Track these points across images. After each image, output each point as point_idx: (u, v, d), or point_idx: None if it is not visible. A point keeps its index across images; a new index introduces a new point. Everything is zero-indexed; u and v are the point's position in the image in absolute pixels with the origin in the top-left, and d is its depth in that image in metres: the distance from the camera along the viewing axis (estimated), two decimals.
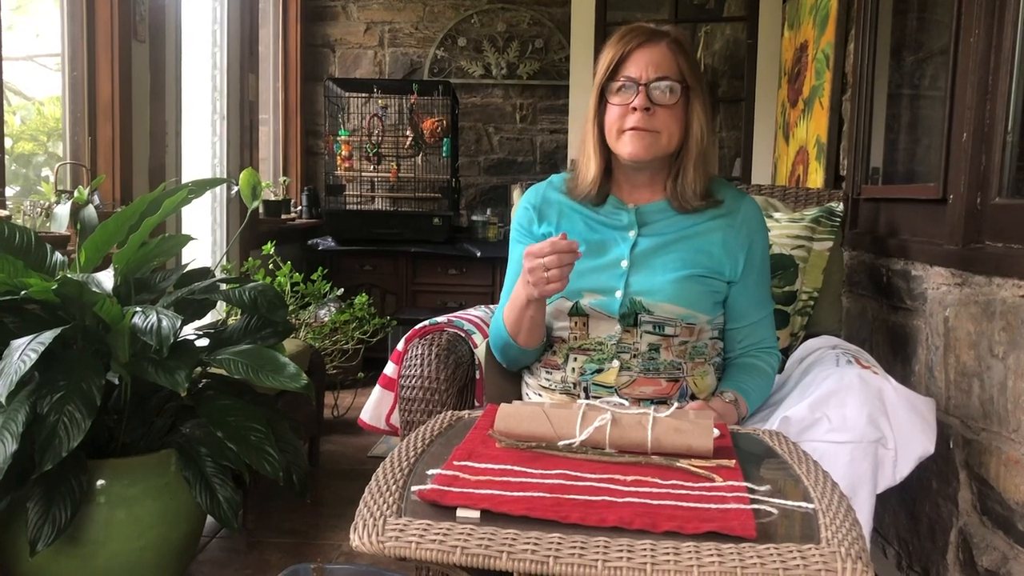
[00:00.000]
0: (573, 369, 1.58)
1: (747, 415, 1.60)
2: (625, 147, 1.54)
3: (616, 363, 1.55)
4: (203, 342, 2.01)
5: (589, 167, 1.61)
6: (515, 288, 1.54)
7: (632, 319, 1.54)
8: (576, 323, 1.58)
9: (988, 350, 1.60)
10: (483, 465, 1.09)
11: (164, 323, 1.68)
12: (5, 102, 2.46)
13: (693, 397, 1.57)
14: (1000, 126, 1.66)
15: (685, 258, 1.57)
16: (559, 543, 0.88)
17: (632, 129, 1.52)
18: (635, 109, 1.51)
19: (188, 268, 2.14)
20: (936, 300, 1.85)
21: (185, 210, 3.03)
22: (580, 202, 1.65)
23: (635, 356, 1.55)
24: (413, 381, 1.69)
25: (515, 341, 1.58)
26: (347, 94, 4.68)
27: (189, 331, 2.10)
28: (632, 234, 1.60)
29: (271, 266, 3.48)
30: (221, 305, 2.85)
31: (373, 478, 1.05)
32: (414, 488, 1.01)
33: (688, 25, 5.29)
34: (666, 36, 1.55)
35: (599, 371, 1.56)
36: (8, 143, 2.56)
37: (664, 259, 1.57)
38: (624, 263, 1.57)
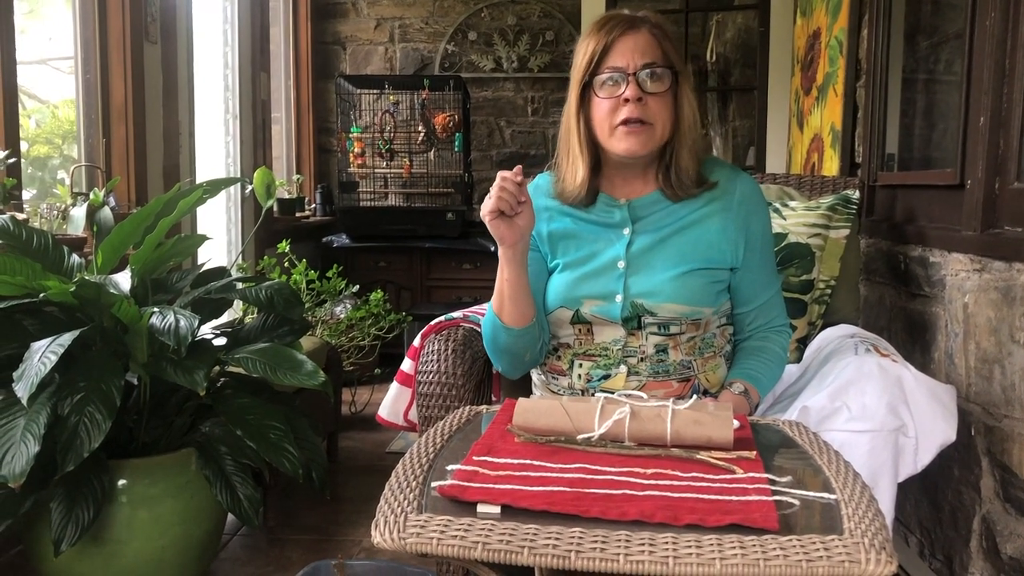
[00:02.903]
0: (579, 376, 1.55)
1: (760, 401, 1.57)
2: (620, 144, 1.47)
3: (623, 368, 1.52)
4: (220, 341, 2.02)
5: (577, 168, 1.54)
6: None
7: (636, 322, 1.50)
8: (580, 330, 1.55)
9: (1009, 336, 1.59)
10: (502, 460, 1.09)
11: (182, 323, 1.69)
12: (20, 106, 2.48)
13: (706, 393, 1.55)
14: (1018, 110, 1.64)
15: (684, 252, 1.52)
16: (580, 537, 0.88)
17: (625, 123, 1.45)
18: (627, 100, 1.45)
19: (204, 268, 2.15)
20: (955, 286, 1.83)
21: (200, 210, 3.04)
22: (569, 204, 1.59)
23: (642, 360, 1.51)
24: (430, 377, 1.69)
25: (501, 320, 1.51)
26: (358, 91, 4.68)
27: (206, 330, 2.10)
28: (627, 232, 1.54)
29: (286, 264, 3.49)
30: (238, 304, 2.86)
31: (393, 474, 1.05)
32: (434, 484, 1.02)
33: (699, 14, 5.27)
34: (647, 22, 1.49)
35: (606, 377, 1.53)
36: (24, 147, 2.57)
37: (662, 255, 1.52)
38: (621, 264, 1.52)
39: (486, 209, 1.39)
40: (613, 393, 1.50)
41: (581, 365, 1.55)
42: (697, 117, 1.53)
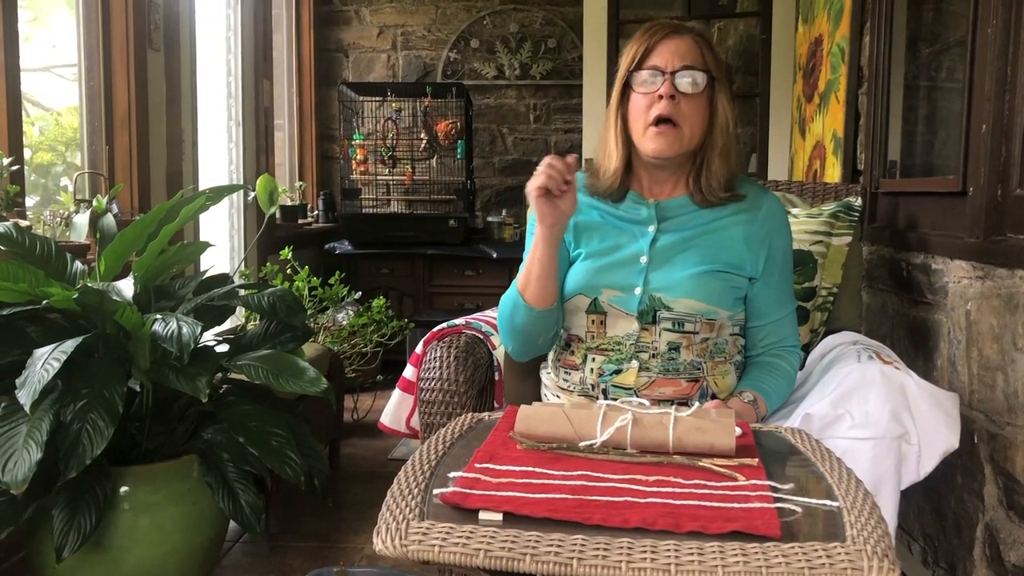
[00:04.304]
0: (592, 370, 1.57)
1: (767, 415, 1.58)
2: (649, 144, 1.53)
3: (635, 363, 1.53)
4: (223, 348, 2.02)
5: (611, 160, 1.60)
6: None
7: (651, 316, 1.53)
8: (593, 321, 1.57)
9: (1012, 343, 1.58)
10: (504, 467, 1.08)
11: (184, 330, 1.69)
12: (23, 113, 2.48)
13: (714, 397, 1.56)
14: (1020, 117, 1.64)
15: (705, 254, 1.56)
16: (582, 545, 0.88)
17: (656, 122, 1.51)
18: (661, 97, 1.51)
19: (207, 275, 2.15)
20: (957, 293, 1.83)
21: (203, 217, 3.05)
22: (599, 198, 1.64)
23: (654, 356, 1.53)
24: (432, 384, 1.69)
25: (523, 298, 1.54)
26: (361, 98, 4.69)
27: (209, 337, 2.11)
28: (652, 229, 1.59)
29: (289, 271, 3.49)
30: (240, 311, 2.86)
31: (395, 481, 1.05)
32: (436, 491, 1.01)
33: (701, 21, 5.28)
34: (691, 30, 1.56)
35: (617, 372, 1.54)
36: (27, 154, 2.58)
37: (684, 255, 1.56)
38: (643, 259, 1.56)
39: (533, 185, 1.43)
40: (622, 388, 1.53)
41: (594, 360, 1.57)
42: (730, 124, 1.58)
